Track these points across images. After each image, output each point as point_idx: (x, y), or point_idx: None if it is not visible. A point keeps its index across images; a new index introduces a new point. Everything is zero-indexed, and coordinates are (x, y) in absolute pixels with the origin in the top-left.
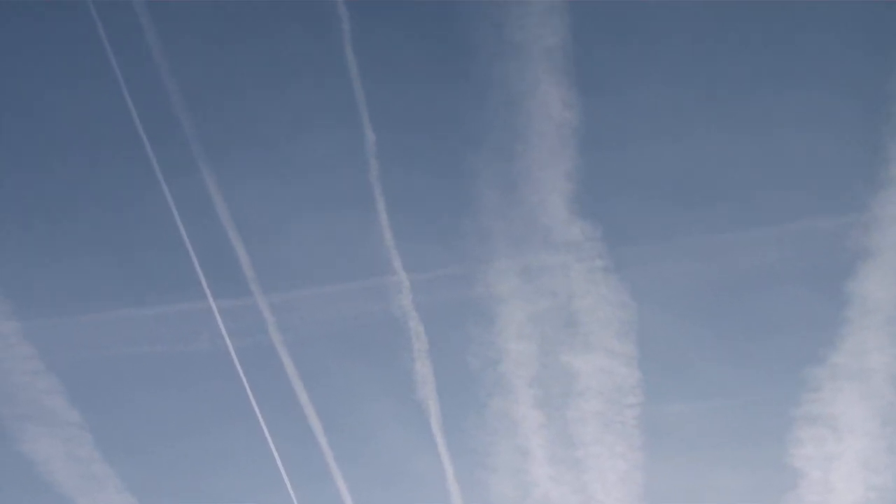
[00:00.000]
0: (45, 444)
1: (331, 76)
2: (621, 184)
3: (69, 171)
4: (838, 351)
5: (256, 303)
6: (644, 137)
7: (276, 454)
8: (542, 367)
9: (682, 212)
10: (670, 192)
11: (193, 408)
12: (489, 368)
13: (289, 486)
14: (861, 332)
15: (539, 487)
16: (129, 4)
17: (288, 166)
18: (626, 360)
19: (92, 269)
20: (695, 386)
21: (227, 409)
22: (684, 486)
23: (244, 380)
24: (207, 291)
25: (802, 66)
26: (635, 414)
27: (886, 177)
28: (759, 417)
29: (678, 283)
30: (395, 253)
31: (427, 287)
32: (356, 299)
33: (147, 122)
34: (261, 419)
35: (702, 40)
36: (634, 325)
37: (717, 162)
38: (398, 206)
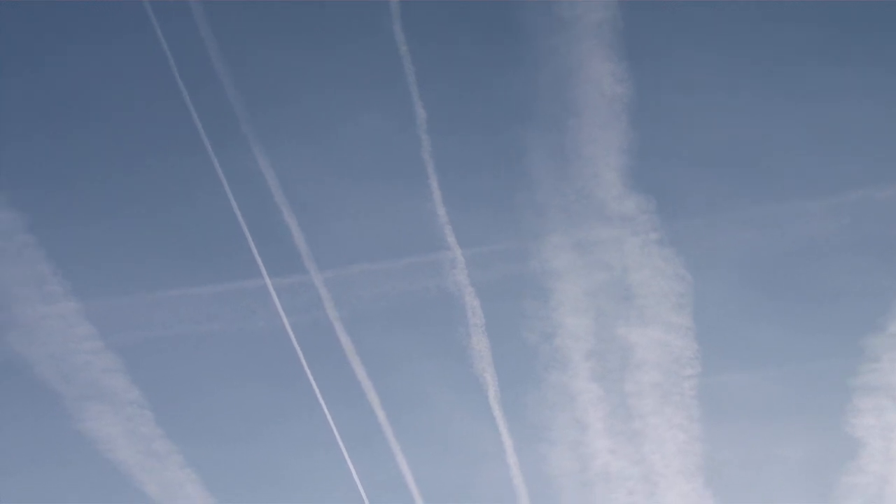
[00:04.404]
0: (106, 423)
1: (380, 54)
2: (675, 156)
3: (124, 154)
4: None
5: (312, 280)
6: (697, 110)
7: (335, 429)
8: (598, 341)
9: (736, 183)
10: (724, 163)
11: (251, 385)
12: (545, 342)
13: (348, 460)
14: None
15: (598, 460)
16: None
17: (340, 144)
18: (683, 332)
19: (148, 249)
20: (752, 356)
21: (285, 385)
22: (743, 457)
23: (301, 356)
24: (263, 269)
25: (857, 36)
26: (693, 385)
27: None
28: (818, 387)
29: (733, 254)
30: (449, 228)
31: (482, 262)
32: (411, 275)
33: (199, 104)
34: (319, 395)
35: (754, 12)
36: (690, 297)
37: (771, 133)
38: (451, 182)
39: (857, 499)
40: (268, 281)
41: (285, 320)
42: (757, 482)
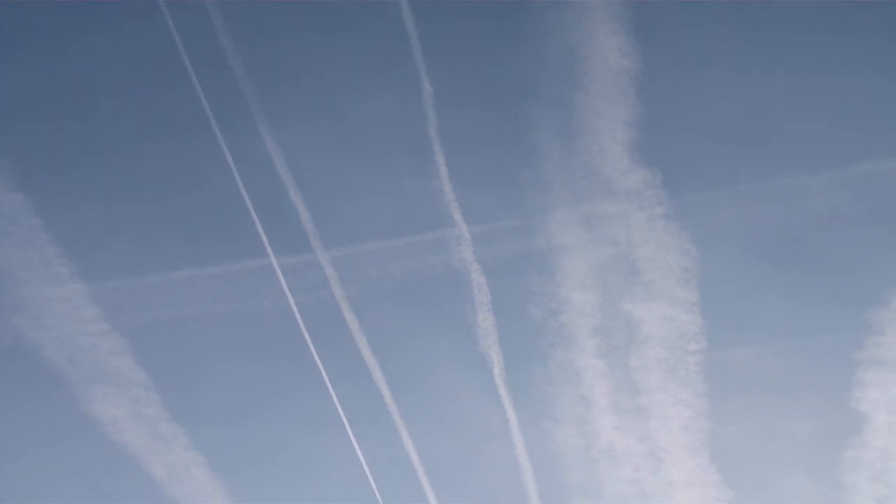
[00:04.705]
0: (112, 405)
1: (387, 31)
2: (681, 131)
3: (131, 136)
4: None
5: (318, 258)
6: (703, 83)
7: (340, 408)
8: (603, 317)
9: (742, 156)
10: (731, 137)
11: (257, 365)
12: (551, 319)
13: (354, 439)
14: None
15: (603, 436)
16: None
17: (346, 122)
18: (689, 307)
19: (155, 230)
20: (758, 331)
21: (290, 364)
22: (748, 432)
23: (307, 335)
24: (269, 249)
25: (864, 8)
26: (698, 360)
27: None
28: (824, 361)
29: (739, 228)
30: (455, 205)
31: (488, 239)
32: (417, 253)
33: (206, 84)
34: (324, 374)
35: None
36: (696, 271)
37: (777, 105)
38: (457, 159)
39: (862, 473)
40: (274, 261)
41: (291, 300)
42: (762, 457)
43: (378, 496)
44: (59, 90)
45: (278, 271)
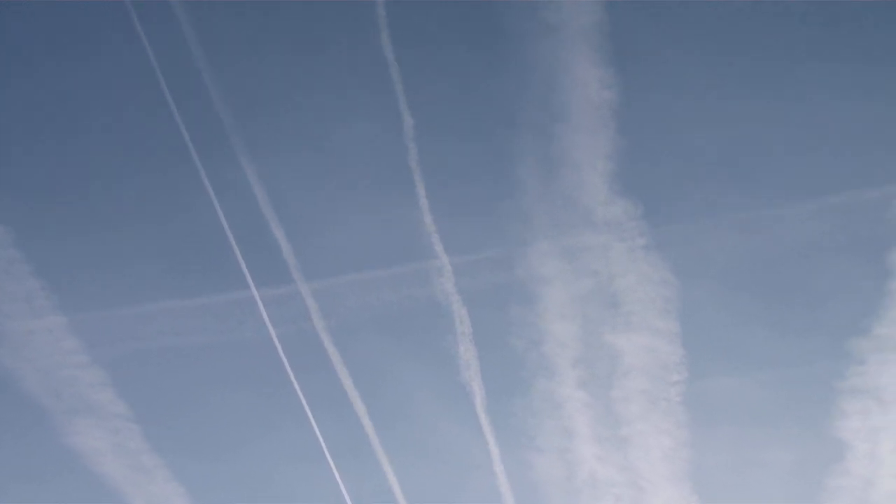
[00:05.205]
0: (93, 437)
1: (368, 61)
2: (661, 162)
3: (110, 166)
4: (882, 322)
5: (299, 290)
6: (683, 114)
7: (321, 439)
8: (585, 348)
9: (722, 187)
10: (710, 168)
11: (238, 396)
12: (532, 350)
13: (335, 470)
14: None
15: (585, 467)
16: (166, 2)
17: (327, 154)
18: (670, 338)
19: (135, 261)
20: (739, 361)
21: (271, 396)
22: (730, 461)
23: (288, 367)
24: (250, 280)
25: (843, 37)
26: (680, 391)
27: None
28: (804, 391)
29: (720, 259)
30: (436, 237)
31: (469, 270)
32: (398, 284)
33: (185, 114)
34: (305, 406)
35: (741, 15)
36: (677, 302)
37: (757, 136)
38: (438, 190)
39: (844, 501)
40: (255, 292)
41: (272, 331)
42: (744, 486)
43: None
44: (38, 120)
45: (259, 303)
